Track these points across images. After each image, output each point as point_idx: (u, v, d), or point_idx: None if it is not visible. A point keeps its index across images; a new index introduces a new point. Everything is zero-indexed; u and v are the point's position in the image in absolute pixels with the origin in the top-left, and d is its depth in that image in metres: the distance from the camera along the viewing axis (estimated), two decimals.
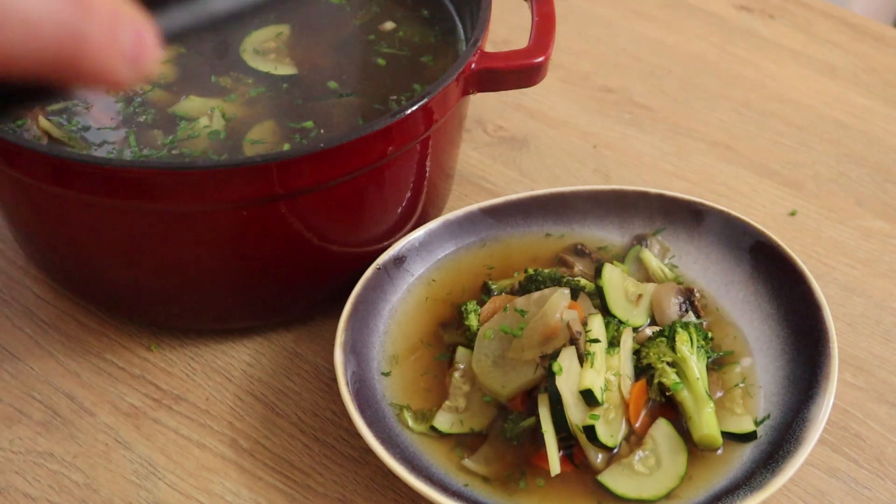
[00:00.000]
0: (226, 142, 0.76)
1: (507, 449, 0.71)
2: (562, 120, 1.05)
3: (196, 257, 0.74)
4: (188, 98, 0.79)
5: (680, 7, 1.21)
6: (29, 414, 0.77)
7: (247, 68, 0.83)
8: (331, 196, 0.72)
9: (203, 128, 0.77)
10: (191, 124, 0.77)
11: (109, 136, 0.76)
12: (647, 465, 0.69)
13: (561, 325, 0.72)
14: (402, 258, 0.81)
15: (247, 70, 0.83)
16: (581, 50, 1.14)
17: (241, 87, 0.81)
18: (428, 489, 0.65)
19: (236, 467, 0.73)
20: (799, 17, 1.20)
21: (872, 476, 0.74)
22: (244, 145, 0.76)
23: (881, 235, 0.93)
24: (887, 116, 1.06)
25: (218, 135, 0.76)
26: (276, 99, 0.80)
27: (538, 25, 0.80)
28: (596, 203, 0.85)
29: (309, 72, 0.83)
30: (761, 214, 0.95)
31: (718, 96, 1.08)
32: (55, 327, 0.83)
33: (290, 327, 0.83)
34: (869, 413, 0.78)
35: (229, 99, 0.80)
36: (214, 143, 0.76)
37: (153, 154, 0.74)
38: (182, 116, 0.78)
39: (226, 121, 0.78)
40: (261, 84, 0.81)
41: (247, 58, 0.84)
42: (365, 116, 0.79)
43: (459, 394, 0.73)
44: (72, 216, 0.73)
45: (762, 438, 0.71)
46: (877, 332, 0.84)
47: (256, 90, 0.81)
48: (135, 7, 0.35)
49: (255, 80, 0.82)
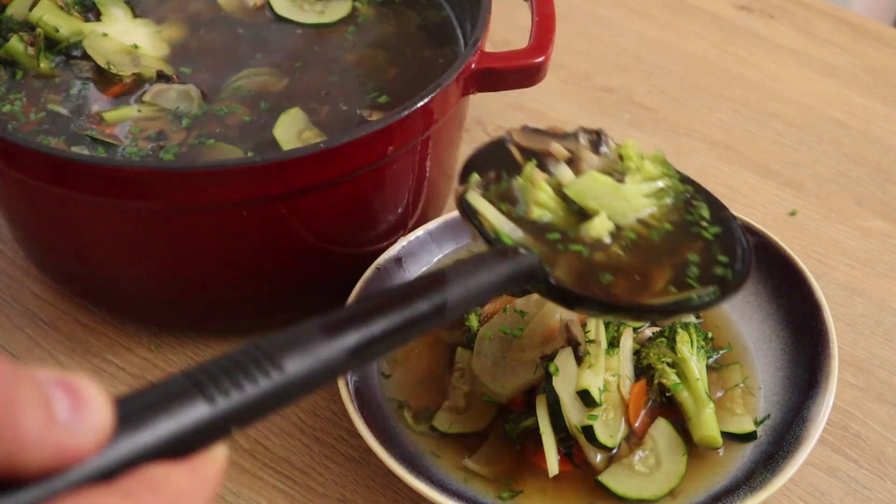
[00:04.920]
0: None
1: (507, 449, 0.71)
2: (562, 120, 1.04)
3: (196, 257, 0.74)
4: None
5: (680, 7, 1.21)
6: None
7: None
8: (331, 196, 0.72)
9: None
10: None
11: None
12: (647, 465, 0.69)
13: (559, 326, 0.72)
14: (401, 258, 0.80)
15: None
16: (581, 50, 1.14)
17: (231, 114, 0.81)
18: (428, 489, 0.65)
19: (236, 467, 0.73)
20: (799, 17, 1.20)
21: (872, 476, 0.74)
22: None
23: (881, 235, 0.93)
24: (887, 116, 1.06)
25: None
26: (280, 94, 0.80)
27: (538, 25, 0.80)
28: None
29: (310, 72, 0.83)
30: (761, 214, 0.95)
31: (718, 96, 1.08)
32: (55, 327, 0.83)
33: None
34: (869, 413, 0.78)
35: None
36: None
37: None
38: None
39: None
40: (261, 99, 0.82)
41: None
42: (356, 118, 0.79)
43: (459, 394, 0.73)
44: (72, 216, 0.73)
45: (762, 438, 0.71)
46: (877, 332, 0.84)
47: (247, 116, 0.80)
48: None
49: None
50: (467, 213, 0.60)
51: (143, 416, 0.33)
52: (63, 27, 0.83)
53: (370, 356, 0.43)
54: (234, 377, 0.36)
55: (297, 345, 0.39)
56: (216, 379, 0.35)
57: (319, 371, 0.39)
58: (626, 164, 0.64)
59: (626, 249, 0.60)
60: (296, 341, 0.39)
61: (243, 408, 0.36)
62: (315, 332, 0.40)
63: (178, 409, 0.34)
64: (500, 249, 0.55)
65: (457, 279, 0.48)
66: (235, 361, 0.37)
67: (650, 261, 0.60)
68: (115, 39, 0.84)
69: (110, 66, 0.81)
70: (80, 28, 0.83)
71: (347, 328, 0.41)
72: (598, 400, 0.69)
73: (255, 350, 0.38)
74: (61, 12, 0.83)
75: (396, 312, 0.44)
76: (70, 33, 0.83)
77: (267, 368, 0.37)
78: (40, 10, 0.83)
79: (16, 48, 0.80)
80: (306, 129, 0.77)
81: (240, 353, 0.37)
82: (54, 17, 0.83)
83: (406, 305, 0.45)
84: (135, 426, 0.33)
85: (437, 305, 0.46)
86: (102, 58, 0.82)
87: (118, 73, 0.81)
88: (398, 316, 0.44)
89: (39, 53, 0.81)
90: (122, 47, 0.83)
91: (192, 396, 0.34)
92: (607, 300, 0.57)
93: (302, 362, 0.38)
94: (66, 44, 0.83)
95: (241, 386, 0.36)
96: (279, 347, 0.38)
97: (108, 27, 0.85)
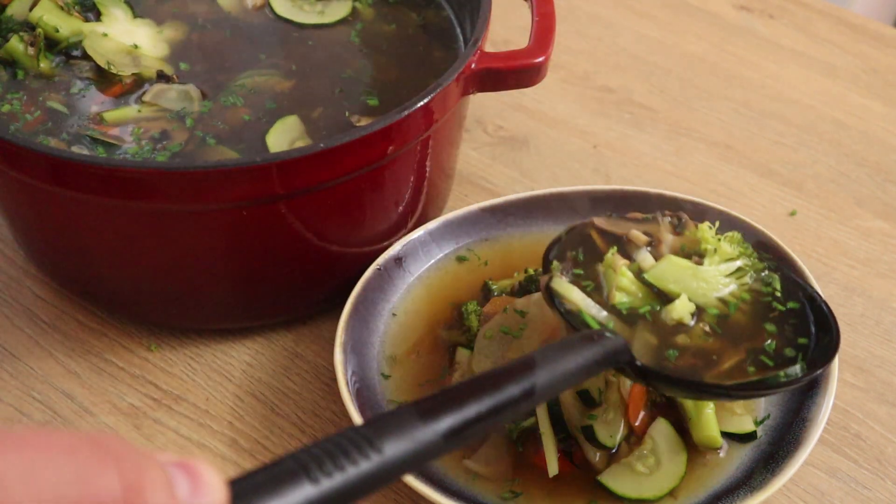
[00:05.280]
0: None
1: (507, 449, 0.71)
2: (562, 120, 1.05)
3: (196, 257, 0.74)
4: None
5: (680, 7, 1.21)
6: (29, 414, 0.77)
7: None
8: (331, 196, 0.72)
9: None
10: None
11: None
12: (647, 465, 0.69)
13: (559, 326, 0.71)
14: (401, 258, 0.81)
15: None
16: (581, 50, 1.14)
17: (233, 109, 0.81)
18: (428, 489, 0.65)
19: (236, 467, 0.73)
20: (799, 17, 1.20)
21: (872, 476, 0.74)
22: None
23: (881, 235, 0.93)
24: (887, 116, 1.06)
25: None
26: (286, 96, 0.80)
27: (538, 25, 0.80)
28: (596, 203, 0.85)
29: (311, 75, 0.83)
30: (761, 214, 0.95)
31: (718, 96, 1.08)
32: (55, 327, 0.83)
33: (290, 327, 0.83)
34: (869, 413, 0.78)
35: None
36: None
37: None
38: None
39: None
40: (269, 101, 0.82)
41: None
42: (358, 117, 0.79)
43: None
44: (72, 216, 0.73)
45: (762, 438, 0.71)
46: (877, 332, 0.84)
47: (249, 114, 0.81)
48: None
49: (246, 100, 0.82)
50: (553, 299, 0.63)
51: (253, 496, 0.36)
52: (63, 27, 0.83)
53: (464, 439, 0.45)
54: (336, 460, 0.38)
55: (396, 428, 0.42)
56: (320, 461, 0.38)
57: (416, 454, 0.42)
58: (703, 245, 0.66)
59: (709, 330, 0.63)
60: (394, 425, 0.42)
61: (344, 489, 0.38)
62: (412, 416, 0.43)
63: (285, 490, 0.36)
64: (586, 334, 0.58)
65: (545, 364, 0.51)
66: (337, 444, 0.39)
67: (734, 340, 0.64)
68: (115, 39, 0.84)
69: (110, 66, 0.81)
70: (80, 28, 0.83)
71: (442, 412, 0.44)
72: (597, 400, 0.69)
73: (356, 433, 0.40)
74: (61, 12, 0.83)
75: (488, 397, 0.47)
76: (70, 33, 0.83)
77: (367, 451, 0.40)
78: (40, 10, 0.83)
79: (16, 48, 0.80)
80: (299, 138, 0.77)
81: (341, 437, 0.40)
82: (54, 17, 0.83)
83: (497, 390, 0.48)
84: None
85: (526, 390, 0.49)
86: (102, 58, 0.82)
87: (118, 73, 0.81)
88: (490, 400, 0.47)
89: (39, 53, 0.81)
90: (122, 47, 0.83)
91: (298, 478, 0.37)
92: (695, 380, 0.61)
93: (400, 445, 0.41)
94: (66, 44, 0.83)
95: (343, 468, 0.38)
96: (378, 431, 0.41)
97: (108, 27, 0.85)
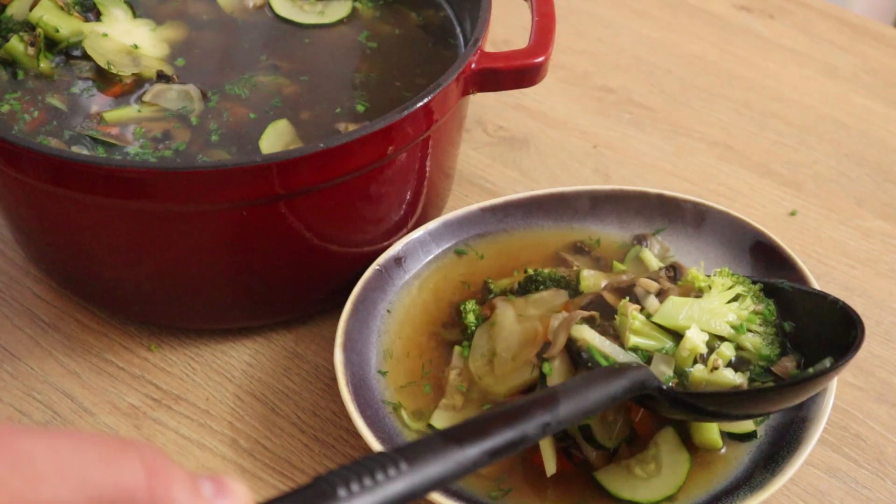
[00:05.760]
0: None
1: None
2: (562, 120, 1.05)
3: (196, 257, 0.74)
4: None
5: (680, 7, 1.21)
6: (29, 414, 0.77)
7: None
8: (331, 196, 0.72)
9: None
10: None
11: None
12: (647, 470, 0.69)
13: (559, 327, 0.71)
14: (401, 258, 0.81)
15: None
16: (581, 50, 1.14)
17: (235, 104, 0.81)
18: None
19: (236, 467, 0.73)
20: (799, 17, 1.20)
21: (872, 476, 0.74)
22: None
23: (881, 235, 0.93)
24: (887, 116, 1.06)
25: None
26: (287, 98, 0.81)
27: (538, 25, 0.80)
28: (596, 203, 0.85)
29: (311, 76, 0.84)
30: (761, 214, 0.95)
31: (718, 96, 1.08)
32: (55, 327, 0.83)
33: (290, 327, 0.83)
34: (869, 413, 0.78)
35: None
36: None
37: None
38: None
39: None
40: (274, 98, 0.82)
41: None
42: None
43: (457, 392, 0.73)
44: (72, 216, 0.73)
45: (762, 438, 0.71)
46: (877, 332, 0.84)
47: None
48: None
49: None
50: (571, 347, 0.67)
51: None
52: (63, 27, 0.83)
53: (483, 465, 0.48)
54: (361, 479, 0.41)
55: (419, 452, 0.44)
56: (347, 481, 0.40)
57: (439, 477, 0.44)
58: (697, 285, 0.70)
59: (724, 356, 0.68)
60: (419, 449, 0.44)
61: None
62: (437, 442, 0.45)
63: None
64: (610, 367, 0.62)
65: (567, 398, 0.54)
66: (362, 465, 0.41)
67: (750, 360, 0.69)
68: (115, 39, 0.84)
69: (110, 66, 0.81)
70: (80, 28, 0.83)
71: (468, 440, 0.47)
72: None
73: (379, 455, 0.42)
74: (61, 12, 0.83)
75: (510, 429, 0.50)
76: (70, 33, 0.83)
77: (389, 472, 0.42)
78: (40, 10, 0.83)
79: (16, 48, 0.80)
80: (292, 142, 0.77)
81: (366, 458, 0.42)
82: (54, 17, 0.83)
83: (519, 422, 0.50)
84: None
85: (545, 423, 0.52)
86: (102, 58, 0.82)
87: (118, 73, 0.81)
88: (512, 433, 0.50)
89: (39, 53, 0.81)
90: (122, 47, 0.83)
91: (322, 499, 0.40)
92: (718, 392, 0.66)
93: (422, 468, 0.43)
94: (66, 44, 0.83)
95: (365, 488, 0.41)
96: (401, 452, 0.43)
97: (108, 27, 0.85)
